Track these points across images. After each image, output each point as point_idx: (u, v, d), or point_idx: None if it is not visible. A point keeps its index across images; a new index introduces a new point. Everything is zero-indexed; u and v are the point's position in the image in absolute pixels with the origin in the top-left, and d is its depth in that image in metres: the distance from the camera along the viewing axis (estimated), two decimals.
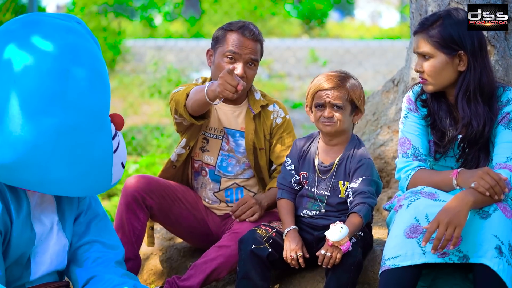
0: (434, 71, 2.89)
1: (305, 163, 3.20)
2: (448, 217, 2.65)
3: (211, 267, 3.23)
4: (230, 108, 3.46)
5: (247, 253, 3.06)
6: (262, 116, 3.46)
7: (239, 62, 3.32)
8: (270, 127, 3.46)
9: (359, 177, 3.06)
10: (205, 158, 3.49)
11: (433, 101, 2.99)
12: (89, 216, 2.70)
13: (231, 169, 3.48)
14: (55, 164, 2.36)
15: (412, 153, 2.98)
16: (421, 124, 3.02)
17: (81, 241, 2.67)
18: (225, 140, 3.45)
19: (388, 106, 4.20)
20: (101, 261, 2.65)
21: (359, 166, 3.08)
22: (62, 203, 2.63)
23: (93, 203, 2.73)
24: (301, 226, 3.18)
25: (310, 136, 3.27)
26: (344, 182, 3.10)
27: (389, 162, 3.99)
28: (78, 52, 2.39)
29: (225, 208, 3.53)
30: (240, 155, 3.46)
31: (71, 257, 2.66)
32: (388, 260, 2.75)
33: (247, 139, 3.43)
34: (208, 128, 3.46)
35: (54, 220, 2.60)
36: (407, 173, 2.96)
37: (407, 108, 3.05)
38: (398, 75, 4.26)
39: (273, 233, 3.11)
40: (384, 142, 4.04)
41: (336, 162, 3.11)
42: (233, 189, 3.50)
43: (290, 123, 3.52)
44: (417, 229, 2.74)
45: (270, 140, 3.47)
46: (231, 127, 3.46)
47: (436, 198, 2.78)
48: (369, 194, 3.03)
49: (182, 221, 3.49)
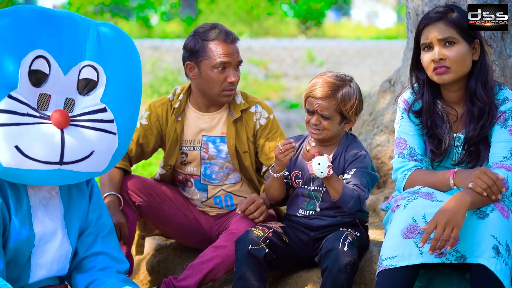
0: (460, 57, 2.85)
1: (297, 162, 3.19)
2: (446, 218, 2.65)
3: (208, 268, 3.23)
4: (209, 116, 3.44)
5: (243, 254, 3.05)
6: (243, 118, 3.43)
7: (230, 69, 3.32)
8: (253, 128, 3.43)
9: (353, 168, 3.06)
10: (188, 170, 3.47)
11: (427, 108, 2.96)
12: (98, 228, 2.70)
13: (215, 176, 3.46)
14: None
15: (408, 153, 2.98)
16: (416, 125, 3.01)
17: (89, 251, 2.67)
18: (203, 149, 3.43)
19: (385, 106, 4.19)
20: (106, 271, 2.65)
21: (355, 158, 3.07)
22: (70, 209, 2.62)
23: (104, 214, 2.73)
24: (296, 227, 3.17)
25: (301, 136, 3.25)
26: (338, 176, 3.08)
27: (385, 163, 4.00)
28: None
29: (217, 210, 3.52)
30: (223, 160, 3.44)
31: (76, 267, 2.65)
32: (385, 260, 2.75)
33: (229, 144, 3.40)
34: (184, 142, 3.45)
35: (59, 224, 2.58)
36: (403, 174, 2.95)
37: (403, 109, 3.04)
38: (395, 75, 4.26)
39: (269, 233, 3.10)
40: (381, 142, 4.04)
41: (330, 157, 3.11)
42: (222, 197, 3.48)
43: (276, 122, 3.48)
44: (414, 230, 2.73)
45: (256, 142, 3.44)
46: (211, 134, 3.44)
47: (434, 199, 2.78)
48: (362, 188, 3.02)
49: (172, 220, 3.48)
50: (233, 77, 3.31)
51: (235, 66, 3.34)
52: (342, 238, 2.98)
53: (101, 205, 2.75)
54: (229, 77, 3.31)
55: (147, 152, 3.50)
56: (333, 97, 3.04)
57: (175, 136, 3.42)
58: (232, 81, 3.31)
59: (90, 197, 2.70)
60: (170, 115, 3.43)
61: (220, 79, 3.32)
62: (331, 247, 2.95)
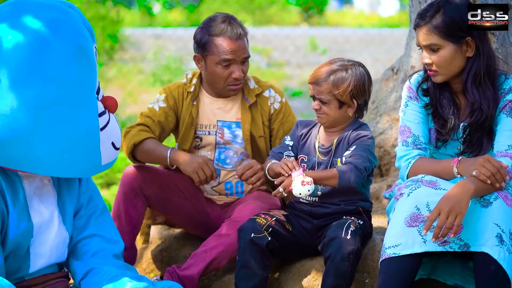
0: (445, 61, 2.87)
1: (305, 146, 3.19)
2: (449, 205, 2.63)
3: (211, 256, 3.22)
4: (223, 102, 3.45)
5: (246, 242, 3.05)
6: (258, 103, 3.45)
7: (235, 65, 3.31)
8: (268, 113, 3.45)
9: (353, 145, 3.05)
10: (202, 154, 3.47)
11: (435, 89, 2.97)
12: (90, 209, 2.69)
13: (229, 161, 3.46)
14: (37, 139, 2.34)
15: (412, 141, 2.97)
16: (421, 113, 3.00)
17: (81, 235, 2.65)
18: (219, 134, 3.44)
19: (388, 94, 4.18)
20: (100, 255, 2.64)
21: (357, 138, 3.06)
22: (62, 195, 2.62)
23: (94, 196, 2.72)
24: (300, 215, 3.17)
25: (312, 121, 3.25)
26: (341, 159, 3.08)
27: (388, 151, 3.98)
28: (59, 26, 2.38)
29: (225, 198, 3.52)
30: (239, 146, 3.45)
31: (70, 251, 2.65)
32: (389, 249, 2.74)
33: (243, 129, 3.42)
34: (199, 126, 3.45)
35: (54, 211, 2.58)
36: (407, 162, 2.94)
37: (407, 97, 3.03)
38: (397, 63, 4.24)
39: (272, 221, 3.10)
40: (384, 130, 4.02)
41: (335, 142, 3.10)
42: (233, 183, 3.48)
43: (288, 106, 3.51)
44: (418, 218, 2.73)
45: (270, 126, 3.46)
46: (226, 119, 3.45)
47: (437, 187, 2.77)
48: (358, 156, 3.00)
49: (181, 210, 3.48)
50: (237, 73, 3.31)
51: (241, 62, 3.33)
52: (345, 226, 2.97)
53: (91, 186, 2.73)
54: (234, 73, 3.31)
55: (166, 134, 3.50)
56: (325, 81, 3.04)
57: (190, 120, 3.42)
58: (236, 77, 3.31)
59: (80, 180, 2.69)
60: (185, 99, 3.44)
61: (224, 75, 3.32)
62: (334, 235, 2.95)
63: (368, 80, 3.10)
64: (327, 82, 3.04)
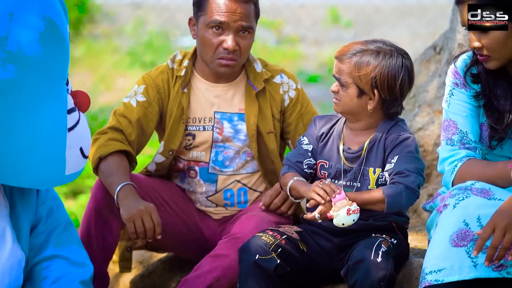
0: (497, 44, 2.87)
1: (325, 149, 3.20)
2: (507, 220, 2.65)
3: (206, 283, 3.24)
4: (221, 88, 3.46)
5: (249, 265, 3.07)
6: (267, 91, 3.47)
7: (228, 32, 3.33)
8: (280, 104, 3.47)
9: (395, 155, 3.06)
10: (193, 155, 3.49)
11: (488, 75, 2.97)
12: (50, 225, 2.69)
13: (229, 163, 3.48)
14: None
15: (458, 139, 2.98)
16: (470, 103, 3.01)
17: (40, 256, 2.66)
18: (217, 130, 3.45)
19: (429, 79, 4.20)
20: (63, 281, 2.64)
21: (397, 143, 3.07)
22: (16, 206, 2.62)
23: (56, 207, 2.72)
24: (317, 231, 3.18)
25: (333, 116, 3.25)
26: (375, 169, 3.09)
27: (429, 151, 4.00)
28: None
29: (223, 211, 3.53)
30: (241, 143, 3.47)
31: (26, 276, 2.66)
32: (430, 275, 2.76)
33: (248, 123, 3.43)
34: (191, 120, 3.46)
35: (6, 227, 2.58)
36: (452, 165, 2.96)
37: (453, 83, 3.04)
38: (440, 40, 4.26)
39: (282, 240, 3.12)
40: (423, 125, 4.04)
41: (366, 145, 3.11)
42: (235, 190, 3.50)
43: (304, 93, 3.55)
44: (466, 236, 2.74)
45: (285, 121, 3.49)
46: (226, 110, 3.46)
47: (491, 196, 2.78)
48: (407, 173, 3.02)
49: (169, 229, 3.44)
50: (230, 42, 3.31)
51: (237, 30, 3.34)
52: (375, 246, 2.99)
53: (52, 196, 2.74)
54: (225, 42, 3.31)
55: (148, 135, 3.50)
56: (348, 59, 3.07)
57: (179, 112, 3.43)
58: (227, 47, 3.31)
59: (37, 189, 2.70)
60: (172, 86, 3.45)
61: (213, 43, 3.33)
62: (361, 258, 2.96)
63: (407, 75, 3.06)
64: (350, 60, 3.07)
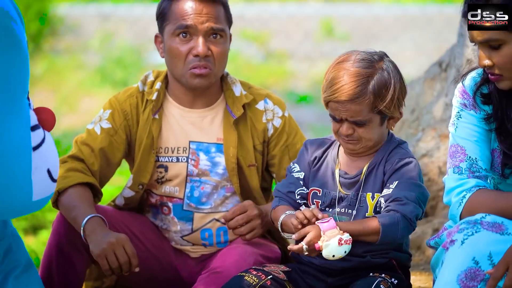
0: (510, 62, 2.88)
1: (318, 175, 3.21)
2: None
3: None
4: (197, 114, 3.47)
5: None
6: (248, 118, 3.46)
7: (197, 37, 3.34)
8: (263, 133, 3.47)
9: (394, 180, 3.08)
10: (166, 190, 3.50)
11: (500, 95, 2.99)
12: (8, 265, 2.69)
13: (206, 200, 3.48)
14: None
15: (467, 167, 2.99)
16: (480, 127, 3.03)
17: None
18: (192, 162, 3.46)
19: (434, 100, 4.21)
20: None
21: (397, 167, 3.09)
22: None
23: (14, 246, 2.72)
24: (308, 270, 3.18)
25: (326, 139, 3.27)
26: (373, 194, 3.11)
27: (434, 180, 4.01)
28: None
29: (202, 249, 3.54)
30: (219, 178, 3.46)
31: None
32: None
33: (227, 155, 3.43)
34: (163, 150, 3.47)
35: None
36: (460, 196, 2.97)
37: (461, 104, 3.06)
38: (447, 55, 4.28)
39: (267, 280, 3.11)
40: (428, 151, 4.06)
41: (364, 170, 3.13)
42: (213, 230, 3.50)
43: (293, 122, 3.53)
44: (476, 275, 2.75)
45: (269, 153, 3.49)
46: (202, 139, 3.47)
47: (504, 231, 2.80)
48: (405, 201, 3.03)
49: (141, 268, 3.37)
50: (200, 46, 3.32)
51: (207, 34, 3.34)
52: (373, 287, 3.00)
53: (11, 232, 2.73)
54: (195, 48, 3.33)
55: (114, 165, 3.50)
56: (364, 95, 3.03)
57: (149, 141, 3.44)
58: (197, 53, 3.32)
59: None
60: (141, 112, 3.46)
61: (181, 51, 3.34)
62: None
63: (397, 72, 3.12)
64: (367, 94, 3.03)
